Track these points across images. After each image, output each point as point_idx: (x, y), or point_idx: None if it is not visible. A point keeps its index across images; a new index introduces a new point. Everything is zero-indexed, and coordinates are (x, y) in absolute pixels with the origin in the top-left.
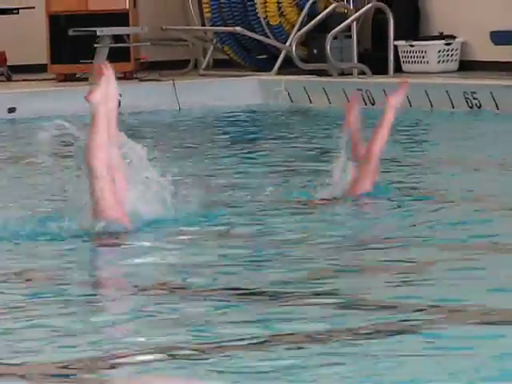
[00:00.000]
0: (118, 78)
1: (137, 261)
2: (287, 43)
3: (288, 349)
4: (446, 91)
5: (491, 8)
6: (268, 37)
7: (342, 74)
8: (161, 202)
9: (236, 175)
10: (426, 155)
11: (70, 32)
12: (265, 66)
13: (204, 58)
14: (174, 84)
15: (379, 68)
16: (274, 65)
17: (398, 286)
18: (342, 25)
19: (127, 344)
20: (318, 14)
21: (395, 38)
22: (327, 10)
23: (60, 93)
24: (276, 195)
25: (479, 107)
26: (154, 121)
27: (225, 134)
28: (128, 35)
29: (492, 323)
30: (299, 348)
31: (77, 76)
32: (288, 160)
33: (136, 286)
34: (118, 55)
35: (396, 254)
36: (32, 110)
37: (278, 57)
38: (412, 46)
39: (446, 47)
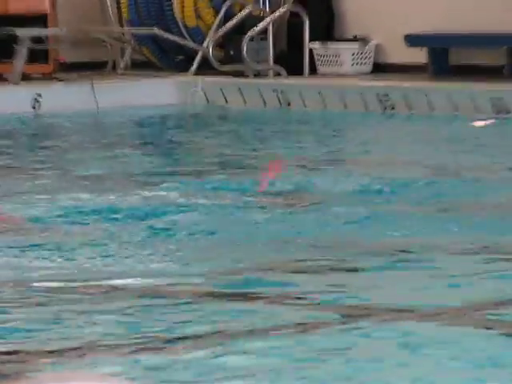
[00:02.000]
0: (37, 79)
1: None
2: (204, 45)
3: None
4: (360, 93)
5: (405, 11)
6: (185, 38)
7: (258, 74)
8: None
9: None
10: (337, 154)
11: None
12: (182, 67)
13: (122, 58)
14: (92, 85)
15: (295, 69)
16: (190, 66)
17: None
18: (258, 27)
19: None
20: (235, 17)
21: (310, 41)
22: (243, 12)
23: None
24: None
25: (392, 109)
26: (72, 121)
27: (141, 133)
28: (47, 36)
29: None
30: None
31: None
32: (206, 158)
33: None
34: (37, 56)
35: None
36: None
37: (195, 58)
38: (326, 48)
39: (361, 50)
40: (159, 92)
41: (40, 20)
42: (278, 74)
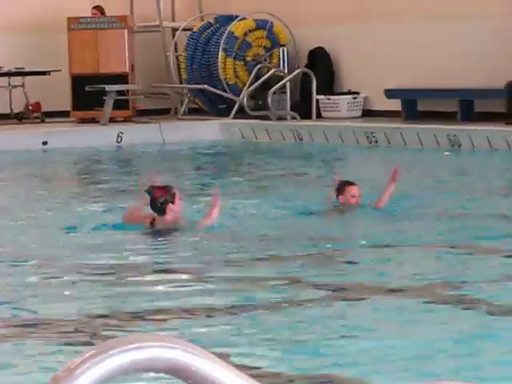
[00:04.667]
0: (120, 121)
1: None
2: (240, 97)
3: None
4: (353, 131)
5: (385, 72)
6: (227, 92)
7: (279, 118)
8: None
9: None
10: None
11: (87, 88)
12: (224, 113)
13: (181, 106)
14: (159, 125)
15: (305, 115)
16: (230, 112)
17: None
18: (279, 84)
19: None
20: (263, 76)
21: (317, 94)
22: (269, 73)
23: (79, 131)
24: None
25: (376, 143)
26: (145, 151)
27: (195, 159)
28: (127, 90)
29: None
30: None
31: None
32: (245, 175)
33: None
34: (120, 105)
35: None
36: (59, 143)
37: (233, 106)
38: (329, 99)
39: (353, 100)
40: (208, 131)
41: (122, 78)
42: (293, 118)
